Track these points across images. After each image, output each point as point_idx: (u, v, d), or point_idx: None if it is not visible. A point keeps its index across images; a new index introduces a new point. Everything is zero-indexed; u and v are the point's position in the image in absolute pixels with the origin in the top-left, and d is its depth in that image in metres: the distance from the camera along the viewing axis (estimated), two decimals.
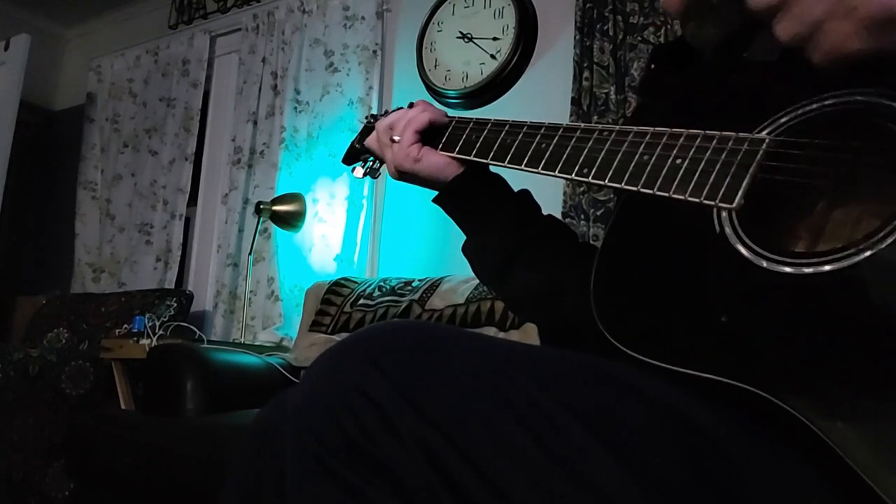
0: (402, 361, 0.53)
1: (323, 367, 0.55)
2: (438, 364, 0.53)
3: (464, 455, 0.50)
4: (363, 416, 0.51)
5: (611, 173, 0.68)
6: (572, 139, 0.74)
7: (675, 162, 0.64)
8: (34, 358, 2.44)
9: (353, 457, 0.51)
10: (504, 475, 0.50)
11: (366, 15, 2.83)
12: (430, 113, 0.91)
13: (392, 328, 0.56)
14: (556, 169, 0.74)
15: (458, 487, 0.50)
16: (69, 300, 3.13)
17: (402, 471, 0.50)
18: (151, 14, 3.69)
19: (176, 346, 2.17)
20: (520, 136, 0.80)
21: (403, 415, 0.50)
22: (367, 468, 0.50)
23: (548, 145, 0.76)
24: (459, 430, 0.50)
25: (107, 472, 1.89)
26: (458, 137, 0.88)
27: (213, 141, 3.38)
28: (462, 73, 2.60)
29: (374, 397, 0.51)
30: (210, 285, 3.18)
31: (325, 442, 0.52)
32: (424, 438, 0.50)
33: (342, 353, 0.55)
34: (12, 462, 2.33)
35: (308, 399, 0.54)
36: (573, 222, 2.18)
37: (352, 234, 2.71)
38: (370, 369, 0.52)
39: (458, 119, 0.90)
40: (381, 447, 0.50)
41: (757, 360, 0.56)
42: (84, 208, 3.56)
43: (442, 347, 0.55)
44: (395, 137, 0.91)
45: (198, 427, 1.81)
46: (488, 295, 2.00)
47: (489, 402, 0.52)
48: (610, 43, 2.25)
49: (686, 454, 0.53)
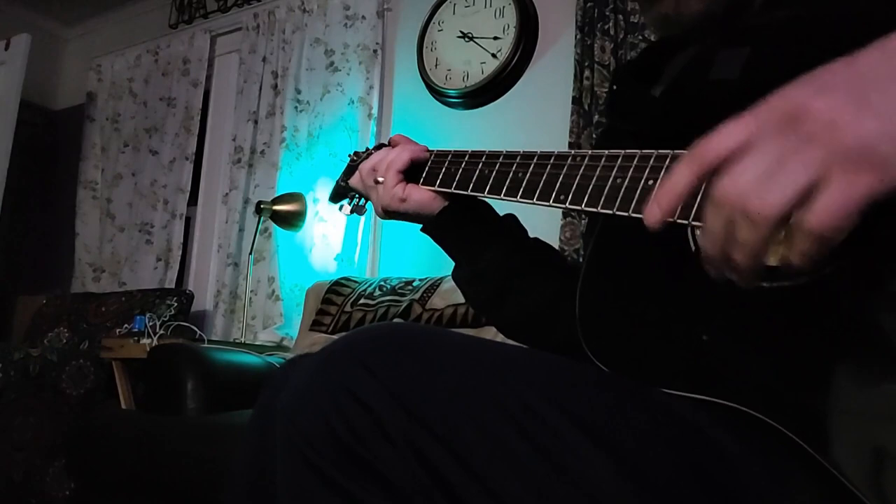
0: (392, 363, 0.53)
1: (312, 368, 0.55)
2: (428, 366, 0.53)
3: (455, 455, 0.50)
4: (353, 418, 0.51)
5: (586, 198, 0.69)
6: (547, 166, 0.75)
7: (648, 184, 0.63)
8: (35, 357, 2.44)
9: (342, 458, 0.51)
10: (496, 476, 0.50)
11: (366, 14, 2.83)
12: (410, 151, 0.92)
13: (381, 331, 0.56)
14: (534, 196, 0.75)
15: (450, 488, 0.50)
16: (70, 300, 3.13)
17: (393, 473, 0.50)
18: (152, 13, 3.69)
19: (176, 346, 2.17)
20: (496, 167, 0.81)
21: (393, 416, 0.50)
22: (356, 470, 0.50)
23: (524, 174, 0.77)
24: (450, 431, 0.50)
25: (107, 471, 1.89)
26: (437, 171, 0.89)
27: (214, 140, 3.38)
28: (463, 73, 2.59)
29: (364, 399, 0.51)
30: (210, 285, 3.18)
31: (313, 444, 0.52)
32: (415, 440, 0.50)
33: (331, 355, 0.55)
34: (13, 461, 2.33)
35: (297, 401, 0.54)
36: (574, 221, 2.18)
37: (352, 233, 2.71)
38: (359, 371, 0.52)
39: (437, 153, 0.91)
40: (370, 449, 0.50)
41: (741, 377, 0.55)
42: (84, 208, 3.56)
43: (432, 349, 0.55)
44: (380, 179, 0.92)
45: (198, 426, 1.81)
46: None
47: (480, 403, 0.52)
48: (611, 42, 2.25)
49: (684, 458, 0.53)
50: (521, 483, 0.50)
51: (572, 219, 2.18)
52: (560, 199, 0.72)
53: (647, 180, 0.64)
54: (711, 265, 0.49)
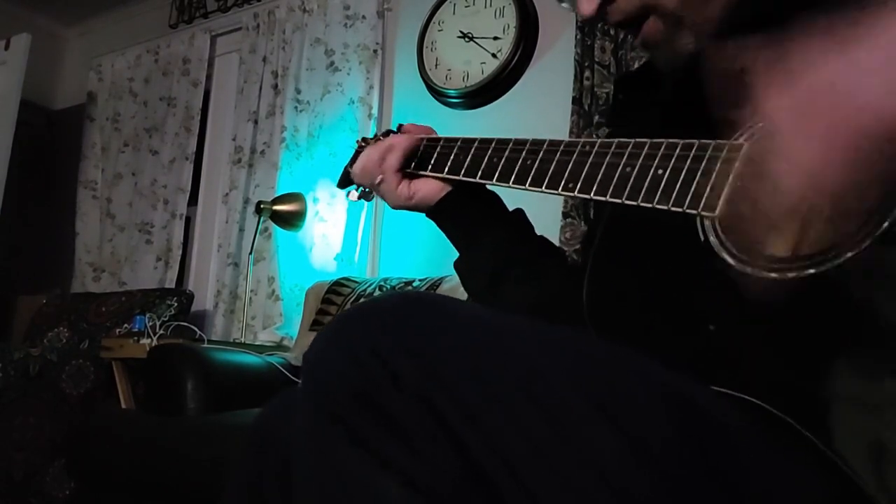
0: (408, 324, 0.54)
1: (333, 326, 0.57)
2: (442, 328, 0.55)
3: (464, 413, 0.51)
4: (370, 370, 0.52)
5: (595, 186, 0.69)
6: (556, 154, 0.75)
7: (657, 172, 0.64)
8: (34, 357, 2.44)
9: (359, 407, 0.52)
10: (503, 436, 0.51)
11: (366, 14, 2.83)
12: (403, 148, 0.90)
13: (403, 298, 0.58)
14: (543, 185, 0.75)
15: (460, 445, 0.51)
16: (69, 299, 3.13)
17: (406, 423, 0.51)
18: (152, 13, 3.69)
19: (176, 346, 2.17)
20: (505, 154, 0.81)
21: (408, 371, 0.52)
22: (372, 418, 0.52)
23: (533, 161, 0.77)
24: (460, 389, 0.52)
25: (107, 471, 1.89)
26: (446, 158, 0.88)
27: (214, 140, 3.38)
28: (463, 73, 2.59)
29: (381, 353, 0.52)
30: (210, 285, 3.17)
31: (332, 390, 0.53)
32: (428, 394, 0.51)
33: (351, 314, 0.57)
34: (13, 461, 2.33)
35: (317, 353, 0.56)
36: (574, 221, 2.18)
37: (352, 233, 2.71)
38: (377, 329, 0.54)
39: (446, 139, 0.90)
40: (385, 399, 0.52)
41: (747, 367, 0.56)
42: (84, 207, 3.56)
43: (446, 314, 0.56)
44: (378, 180, 0.92)
45: (198, 426, 1.81)
46: None
47: (490, 364, 0.53)
48: (611, 42, 2.25)
49: (688, 436, 0.54)
50: (527, 445, 0.51)
51: (573, 219, 2.18)
52: (569, 186, 0.72)
53: (657, 169, 0.64)
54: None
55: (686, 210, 0.59)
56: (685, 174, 0.63)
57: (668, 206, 0.63)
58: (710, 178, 0.61)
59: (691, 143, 0.63)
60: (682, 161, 0.64)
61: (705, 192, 0.59)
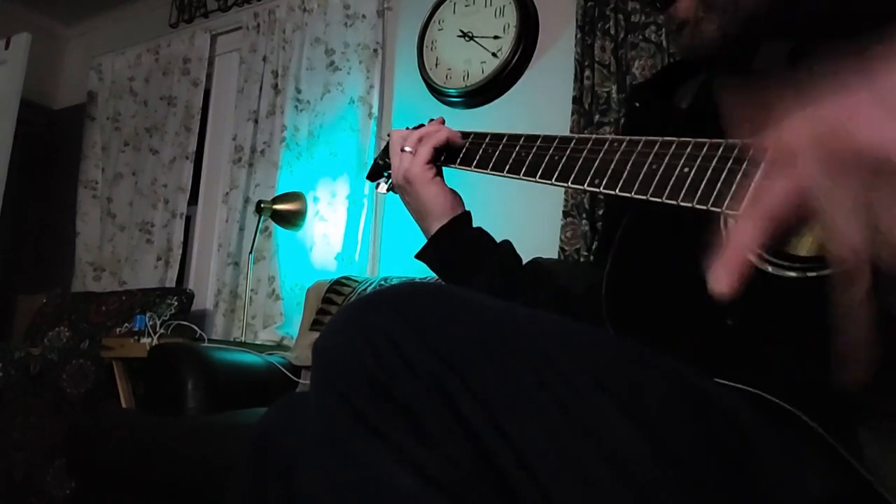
0: (423, 312, 0.55)
1: (347, 311, 0.57)
2: (456, 316, 0.55)
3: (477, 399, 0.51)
4: (384, 355, 0.52)
5: (621, 183, 0.70)
6: (584, 150, 0.76)
7: (683, 171, 0.64)
8: (35, 357, 2.44)
9: (373, 393, 0.52)
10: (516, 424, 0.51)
11: (366, 13, 2.83)
12: (448, 132, 0.94)
13: (417, 286, 0.58)
14: (569, 180, 0.77)
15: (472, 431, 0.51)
16: (70, 299, 3.13)
17: (420, 410, 0.51)
18: (152, 13, 3.69)
19: (177, 345, 2.17)
20: (534, 150, 0.82)
21: (422, 357, 0.52)
22: (385, 404, 0.52)
23: (560, 157, 0.78)
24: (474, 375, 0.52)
25: (108, 471, 1.89)
26: (475, 152, 0.90)
27: (214, 140, 3.38)
28: (463, 72, 2.59)
29: (395, 339, 0.52)
30: (211, 284, 3.18)
31: (346, 376, 0.53)
32: (441, 381, 0.51)
33: (367, 302, 0.57)
34: (13, 461, 2.33)
35: (331, 339, 0.56)
36: (574, 221, 2.18)
37: (353, 232, 2.71)
38: (392, 315, 0.54)
39: (476, 135, 0.93)
40: (399, 385, 0.52)
41: (764, 363, 0.57)
42: (85, 207, 3.56)
43: (460, 302, 0.57)
44: (407, 149, 0.94)
45: (198, 426, 1.81)
46: None
47: (503, 350, 0.53)
48: (611, 42, 2.24)
49: (701, 426, 0.54)
50: (542, 432, 0.51)
51: (573, 218, 2.18)
52: (595, 182, 0.73)
53: (684, 168, 0.65)
54: None
55: (710, 207, 0.60)
56: (711, 173, 0.63)
57: (692, 204, 0.64)
58: (735, 176, 0.62)
59: (718, 143, 0.64)
60: (708, 160, 0.64)
61: (730, 190, 0.60)
